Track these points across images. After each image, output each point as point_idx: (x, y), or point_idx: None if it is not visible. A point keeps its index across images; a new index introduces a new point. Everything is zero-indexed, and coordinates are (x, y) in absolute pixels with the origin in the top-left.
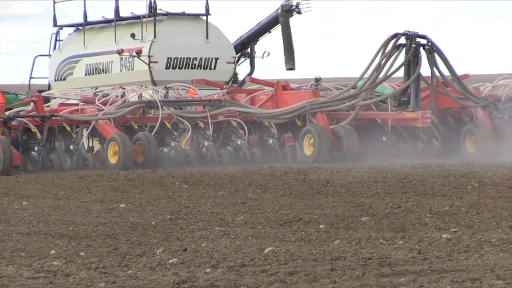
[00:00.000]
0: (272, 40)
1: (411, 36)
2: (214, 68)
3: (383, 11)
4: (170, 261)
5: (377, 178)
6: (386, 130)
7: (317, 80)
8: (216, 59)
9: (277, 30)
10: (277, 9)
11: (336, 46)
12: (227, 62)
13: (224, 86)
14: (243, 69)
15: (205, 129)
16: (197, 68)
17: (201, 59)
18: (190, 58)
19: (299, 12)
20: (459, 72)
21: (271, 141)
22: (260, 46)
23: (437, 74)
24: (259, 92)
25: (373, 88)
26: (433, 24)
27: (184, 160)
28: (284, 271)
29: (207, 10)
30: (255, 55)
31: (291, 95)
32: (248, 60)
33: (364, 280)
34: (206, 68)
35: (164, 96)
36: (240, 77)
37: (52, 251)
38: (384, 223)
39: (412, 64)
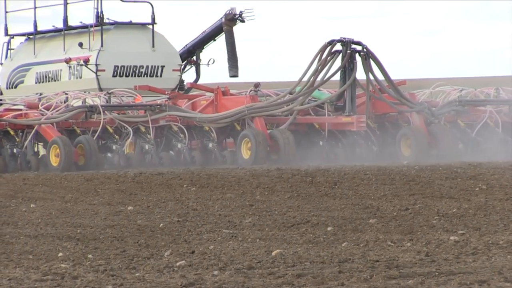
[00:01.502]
0: (218, 48)
1: (346, 43)
2: (160, 76)
3: (389, 13)
4: (177, 264)
5: (384, 180)
6: (323, 134)
7: (256, 85)
8: (162, 67)
9: (222, 38)
10: (221, 18)
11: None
12: (173, 70)
13: (166, 92)
14: (189, 77)
15: (146, 133)
16: (144, 76)
17: (147, 67)
18: (136, 66)
19: (242, 21)
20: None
21: (210, 145)
22: (206, 54)
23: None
24: (200, 98)
25: (310, 93)
26: (438, 26)
27: (125, 163)
28: (291, 273)
29: (153, 19)
30: (201, 63)
31: (230, 100)
32: (193, 68)
33: (371, 282)
34: (152, 76)
35: (107, 102)
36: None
37: (60, 254)
38: (391, 225)
39: (347, 69)
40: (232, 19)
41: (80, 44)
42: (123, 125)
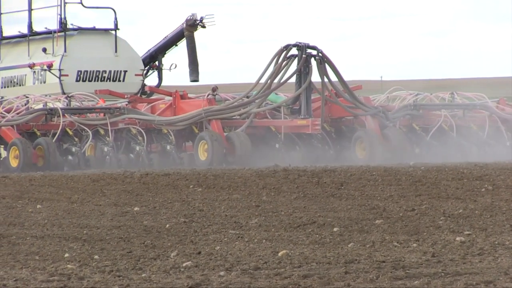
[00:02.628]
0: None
1: (302, 47)
2: (123, 80)
3: (398, 14)
4: (184, 264)
5: (391, 181)
6: (280, 137)
7: (214, 89)
8: (125, 71)
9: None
10: (183, 24)
11: (350, 49)
12: (136, 75)
13: (125, 96)
14: (151, 81)
15: (105, 135)
16: (107, 81)
17: (110, 71)
18: (99, 71)
19: (203, 26)
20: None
21: (168, 147)
22: (168, 59)
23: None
24: (158, 102)
25: (265, 96)
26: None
27: (85, 164)
28: (298, 274)
29: (116, 25)
30: (163, 68)
31: (188, 104)
32: (156, 72)
33: (378, 283)
34: (115, 81)
35: (67, 105)
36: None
37: (66, 254)
38: (398, 226)
39: (303, 73)
40: (193, 24)
41: (44, 50)
42: (82, 128)
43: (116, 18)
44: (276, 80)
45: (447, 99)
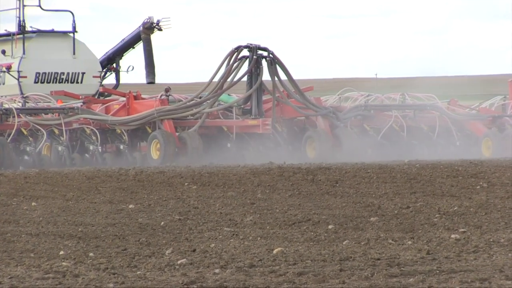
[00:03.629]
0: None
1: (253, 49)
2: (81, 82)
3: (393, 11)
4: (179, 262)
5: (386, 178)
6: (232, 137)
7: (167, 90)
8: (83, 73)
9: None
10: (139, 26)
11: (345, 46)
12: (93, 76)
13: (80, 97)
14: (109, 83)
15: (60, 135)
16: (65, 82)
17: (68, 73)
18: (58, 73)
19: (159, 29)
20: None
21: (122, 147)
22: (125, 61)
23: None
24: (113, 102)
25: (217, 97)
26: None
27: (40, 164)
28: (293, 271)
29: (74, 27)
30: (120, 70)
31: (141, 104)
32: (113, 74)
33: (373, 281)
34: (73, 82)
35: (22, 105)
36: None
37: (61, 252)
38: (393, 224)
39: (254, 74)
40: (149, 27)
41: (3, 52)
42: (37, 128)
43: (74, 21)
44: (228, 81)
45: (398, 99)
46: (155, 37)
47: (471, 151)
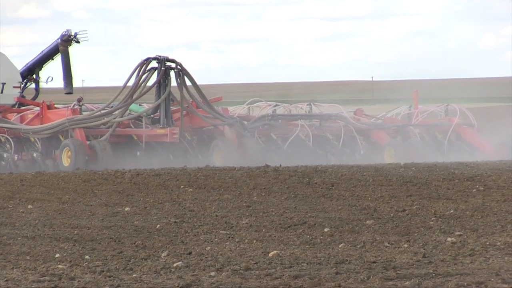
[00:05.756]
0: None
1: (161, 60)
2: (1, 92)
3: (388, 14)
4: (174, 265)
5: (381, 181)
6: (141, 145)
7: (79, 100)
8: (3, 84)
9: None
10: (58, 39)
11: (341, 49)
12: (14, 87)
13: None
14: (28, 94)
15: None
16: None
17: None
18: None
19: (77, 41)
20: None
21: (35, 154)
22: (45, 72)
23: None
24: (27, 112)
25: (126, 106)
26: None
27: None
28: (288, 274)
29: None
30: (40, 80)
31: (54, 113)
32: (33, 85)
33: (369, 284)
34: None
35: None
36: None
37: (57, 255)
38: (388, 227)
39: (162, 85)
40: (67, 40)
41: None
42: None
43: None
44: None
45: (305, 109)
46: (151, 38)
47: (374, 159)
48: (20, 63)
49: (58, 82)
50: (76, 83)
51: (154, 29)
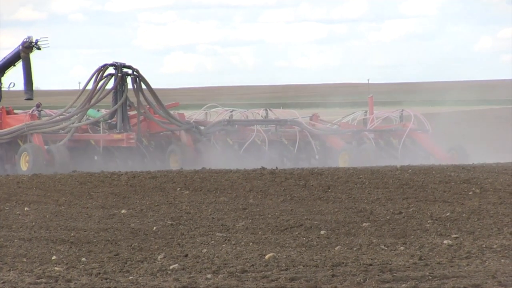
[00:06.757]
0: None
1: (118, 67)
2: None
3: (384, 17)
4: (171, 267)
5: (378, 184)
6: (98, 150)
7: (38, 105)
8: None
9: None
10: (19, 46)
11: (337, 51)
12: None
13: None
14: None
15: None
16: None
17: None
18: None
19: (38, 48)
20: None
21: None
22: (8, 78)
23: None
24: None
25: (84, 112)
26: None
27: None
28: (285, 277)
29: None
30: (2, 86)
31: (13, 119)
32: None
33: (365, 286)
34: None
35: None
36: None
37: (54, 257)
38: (385, 229)
39: (119, 91)
40: (28, 46)
41: None
42: None
43: None
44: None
45: (261, 114)
46: (148, 41)
47: (329, 164)
48: None
49: (20, 87)
50: (73, 85)
51: (151, 31)
